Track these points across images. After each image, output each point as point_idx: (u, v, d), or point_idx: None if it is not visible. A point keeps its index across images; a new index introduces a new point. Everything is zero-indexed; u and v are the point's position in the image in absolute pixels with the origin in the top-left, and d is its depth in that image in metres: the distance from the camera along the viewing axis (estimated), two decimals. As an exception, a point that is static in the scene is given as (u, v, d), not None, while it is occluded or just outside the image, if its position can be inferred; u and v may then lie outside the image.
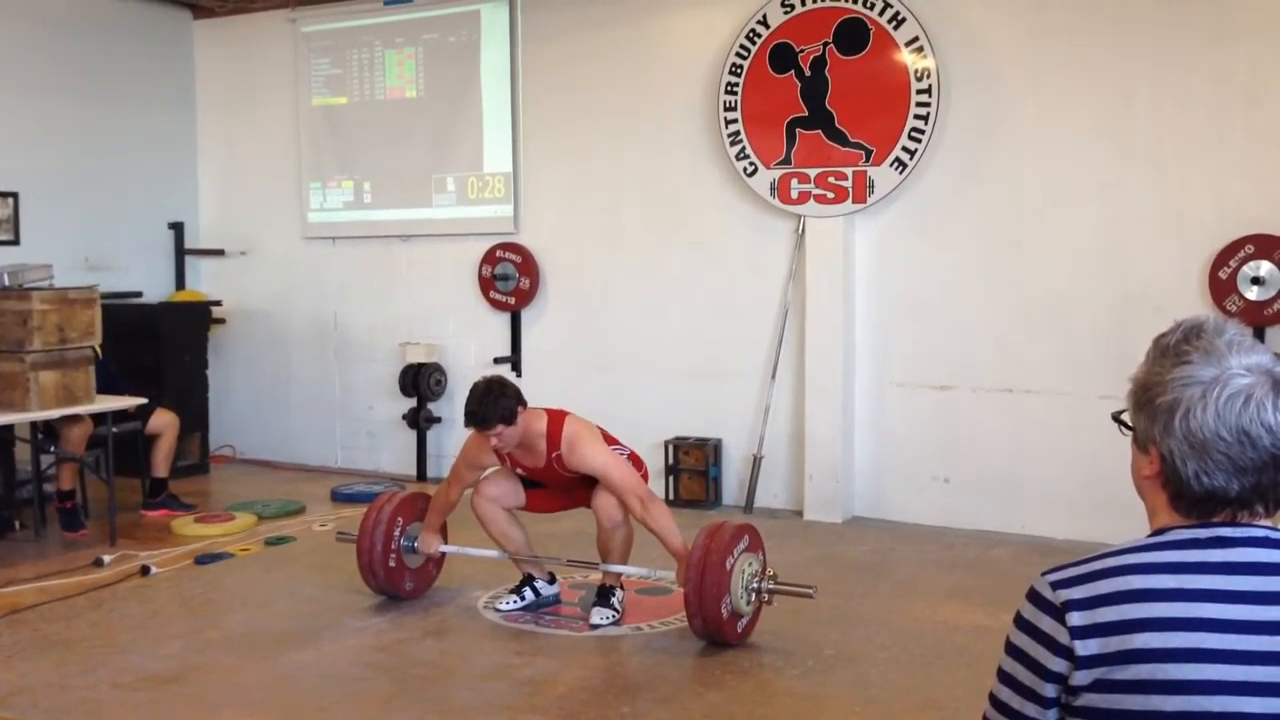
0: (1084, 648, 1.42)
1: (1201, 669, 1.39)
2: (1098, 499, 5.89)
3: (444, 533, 5.12)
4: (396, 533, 5.03)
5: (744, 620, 4.51)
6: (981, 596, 5.14)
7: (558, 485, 4.87)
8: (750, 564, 4.50)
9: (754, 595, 4.51)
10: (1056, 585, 1.47)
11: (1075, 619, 1.43)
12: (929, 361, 6.53)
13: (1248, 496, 1.46)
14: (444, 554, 5.18)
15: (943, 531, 6.37)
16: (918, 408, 6.57)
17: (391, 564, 5.02)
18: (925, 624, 4.80)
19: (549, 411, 4.74)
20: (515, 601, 5.00)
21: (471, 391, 4.63)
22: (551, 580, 5.14)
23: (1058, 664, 1.45)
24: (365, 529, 5.01)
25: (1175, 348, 1.50)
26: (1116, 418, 1.59)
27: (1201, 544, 1.46)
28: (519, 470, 4.85)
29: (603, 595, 4.88)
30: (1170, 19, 5.85)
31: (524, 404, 4.65)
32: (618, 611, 4.86)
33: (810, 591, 4.53)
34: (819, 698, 4.05)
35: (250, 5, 8.51)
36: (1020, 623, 1.50)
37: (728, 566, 4.36)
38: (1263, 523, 1.48)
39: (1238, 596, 1.41)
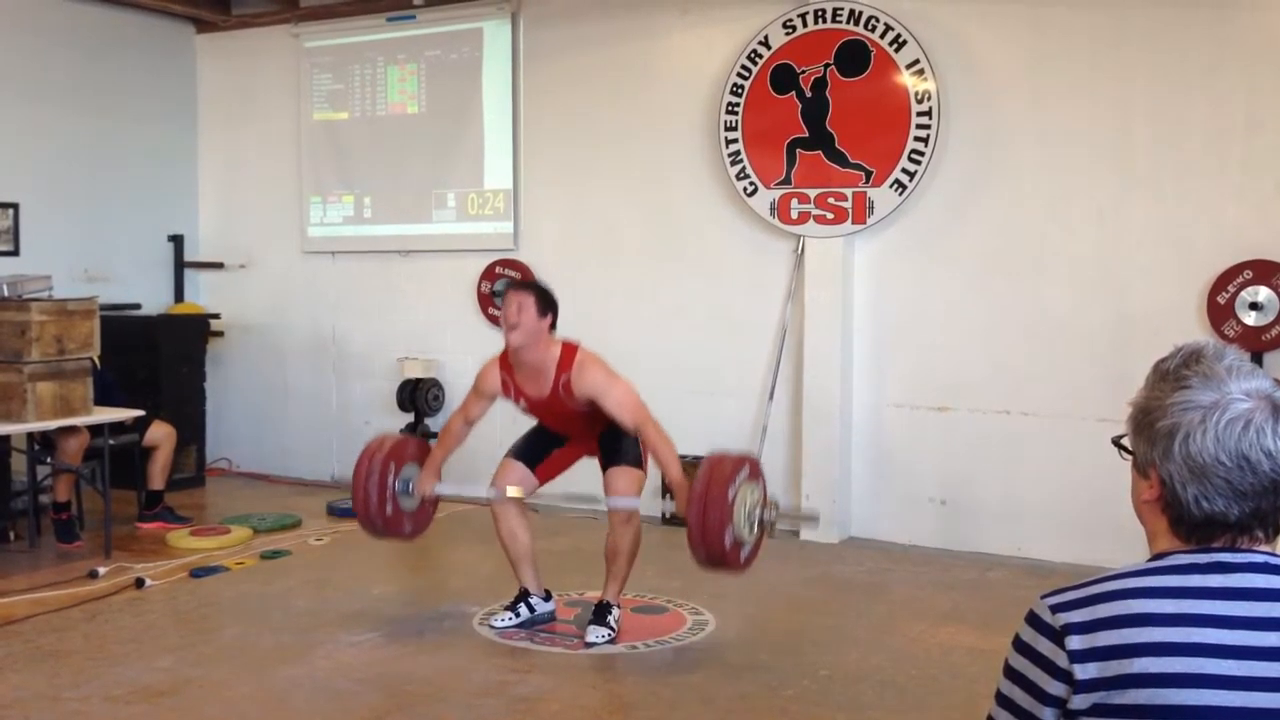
0: (1083, 671, 1.42)
1: (1200, 694, 1.38)
2: (1096, 522, 5.88)
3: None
4: (390, 479, 4.93)
5: (746, 548, 4.45)
6: (978, 619, 5.13)
7: (559, 419, 4.86)
8: (752, 492, 4.44)
9: (756, 525, 4.47)
10: (1056, 608, 1.47)
11: (1074, 642, 1.43)
12: (927, 383, 6.53)
13: (1247, 522, 1.46)
14: (439, 497, 5.12)
15: (939, 553, 6.36)
16: (915, 429, 6.57)
17: (389, 512, 4.92)
18: (921, 646, 4.78)
19: (565, 342, 4.80)
20: (510, 618, 4.98)
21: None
22: (547, 597, 5.12)
23: (1056, 687, 1.45)
24: (359, 480, 4.90)
25: (1175, 372, 1.51)
26: (1116, 442, 1.59)
27: (1201, 569, 1.46)
28: (521, 401, 4.85)
29: (599, 613, 4.87)
30: (1169, 45, 5.87)
31: (555, 324, 4.76)
32: (613, 630, 4.84)
33: (814, 517, 4.46)
34: (814, 719, 4.04)
35: (253, 19, 8.54)
36: (1019, 645, 1.50)
37: (730, 497, 4.31)
38: (1263, 548, 1.48)
39: (1237, 622, 1.41)
